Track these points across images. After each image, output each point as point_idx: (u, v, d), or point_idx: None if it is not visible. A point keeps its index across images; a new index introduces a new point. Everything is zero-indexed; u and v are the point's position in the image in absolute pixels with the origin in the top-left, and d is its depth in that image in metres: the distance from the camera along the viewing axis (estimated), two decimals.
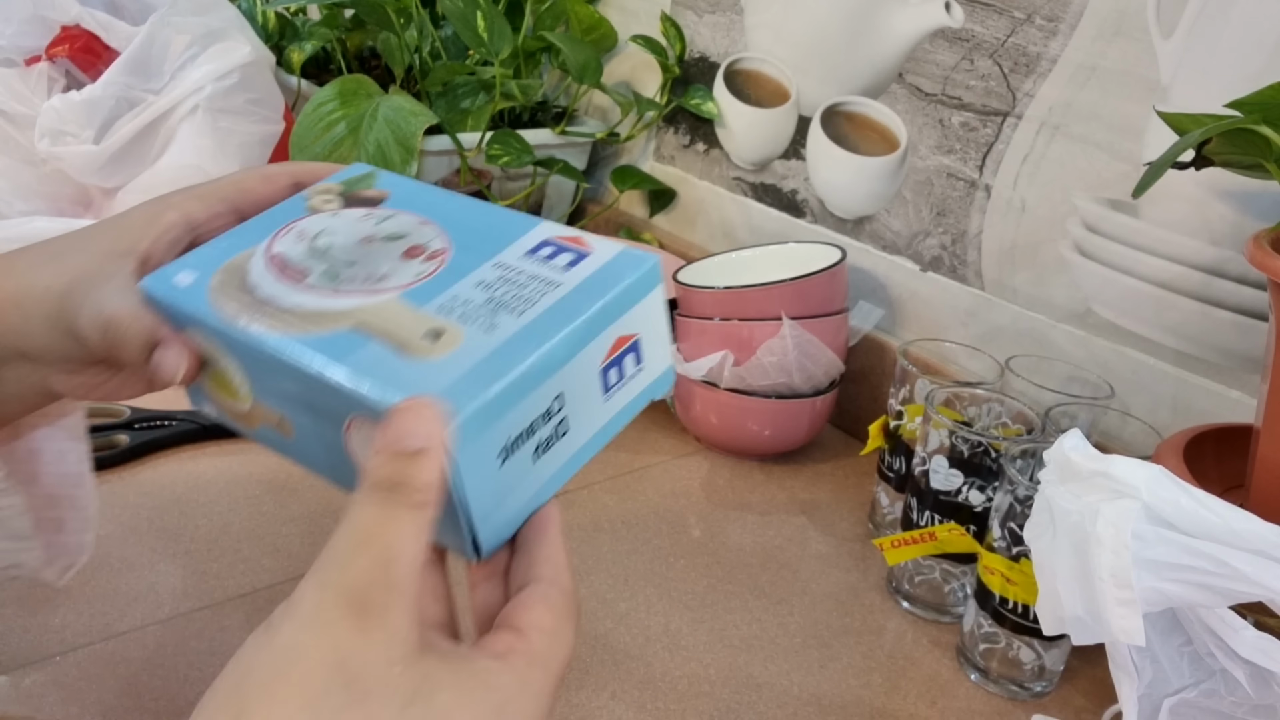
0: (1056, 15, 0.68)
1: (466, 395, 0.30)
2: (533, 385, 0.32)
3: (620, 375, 0.36)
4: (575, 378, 0.34)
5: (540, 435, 0.33)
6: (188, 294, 0.36)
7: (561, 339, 0.33)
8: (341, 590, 0.27)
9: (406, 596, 0.28)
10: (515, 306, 0.34)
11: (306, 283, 0.36)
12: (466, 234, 0.38)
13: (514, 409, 0.32)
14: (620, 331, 0.35)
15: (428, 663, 0.28)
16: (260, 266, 0.37)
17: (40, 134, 0.86)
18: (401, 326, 0.33)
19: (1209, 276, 0.63)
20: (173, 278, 0.37)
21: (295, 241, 0.39)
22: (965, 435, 0.59)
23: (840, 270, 0.76)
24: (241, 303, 0.36)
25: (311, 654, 0.26)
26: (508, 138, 0.93)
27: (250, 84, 0.90)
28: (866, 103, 0.82)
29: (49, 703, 0.49)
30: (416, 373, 0.31)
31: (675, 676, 0.55)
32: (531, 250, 0.37)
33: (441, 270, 0.36)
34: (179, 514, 0.64)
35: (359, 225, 0.39)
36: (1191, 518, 0.38)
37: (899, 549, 0.61)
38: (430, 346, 0.32)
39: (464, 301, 0.34)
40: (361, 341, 0.33)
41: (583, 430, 0.35)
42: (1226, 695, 0.43)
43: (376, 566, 0.27)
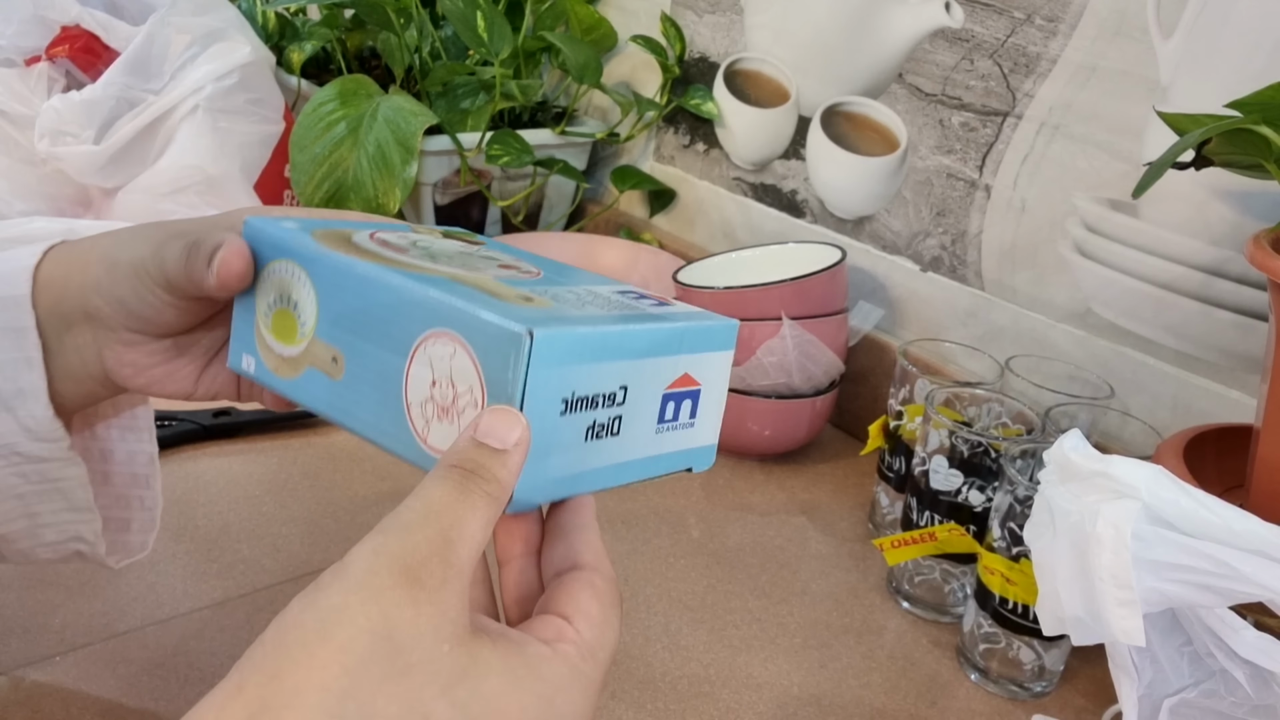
0: (1056, 15, 0.68)
1: (549, 327, 0.31)
2: (607, 355, 0.33)
3: (675, 414, 0.36)
4: (642, 383, 0.34)
5: (598, 417, 0.33)
6: (288, 230, 0.38)
7: (643, 330, 0.34)
8: (398, 558, 0.26)
9: (463, 578, 0.27)
10: (605, 309, 0.35)
11: (407, 255, 0.37)
12: (560, 270, 0.40)
13: (586, 366, 0.32)
14: (689, 368, 0.36)
15: (478, 645, 0.27)
16: (364, 237, 0.39)
17: (40, 134, 0.86)
18: (495, 288, 0.34)
19: (1209, 276, 0.63)
20: (278, 222, 0.39)
21: (398, 236, 0.40)
22: (965, 435, 0.59)
23: (840, 270, 0.76)
24: (340, 245, 0.37)
25: (358, 618, 0.25)
26: (508, 138, 0.93)
27: (250, 84, 0.90)
28: (866, 103, 0.82)
29: (49, 703, 0.49)
30: (505, 307, 0.32)
31: (675, 676, 0.55)
32: (621, 290, 0.39)
33: (535, 279, 0.38)
34: (179, 514, 0.64)
35: (458, 246, 0.41)
36: (1191, 518, 0.38)
37: (899, 549, 0.61)
38: (519, 298, 0.34)
39: (554, 295, 0.35)
40: (453, 285, 0.34)
41: (629, 445, 0.35)
42: (1226, 695, 0.43)
43: (439, 541, 0.27)
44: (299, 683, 0.24)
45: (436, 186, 0.95)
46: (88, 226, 0.77)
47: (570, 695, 0.28)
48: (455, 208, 0.98)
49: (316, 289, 0.36)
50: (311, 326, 0.37)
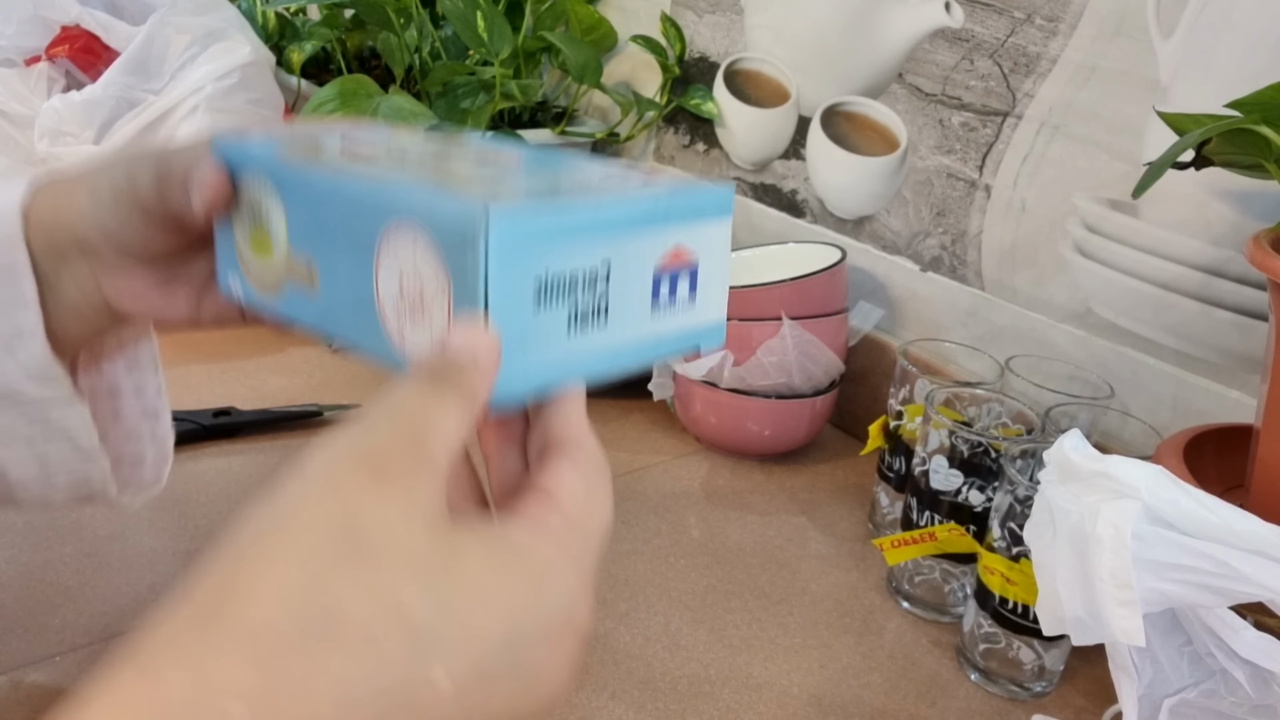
0: (1056, 15, 0.68)
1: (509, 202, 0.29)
2: (582, 230, 0.30)
3: (672, 293, 0.34)
4: (627, 260, 0.32)
5: (579, 300, 0.31)
6: (255, 145, 0.37)
7: (621, 200, 0.32)
8: (360, 450, 0.24)
9: (437, 472, 0.24)
10: (578, 189, 0.33)
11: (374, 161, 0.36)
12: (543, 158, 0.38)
13: (556, 242, 0.30)
14: (681, 240, 0.33)
15: (455, 533, 0.24)
16: (335, 144, 0.38)
17: (40, 134, 0.86)
18: (455, 175, 0.34)
19: (1209, 276, 0.63)
20: (248, 141, 0.38)
21: (372, 138, 0.39)
22: (965, 435, 0.59)
23: (840, 270, 0.76)
24: (305, 156, 0.36)
25: (315, 508, 0.22)
26: (508, 138, 0.93)
27: (250, 84, 0.90)
28: (866, 103, 0.82)
29: (49, 703, 0.49)
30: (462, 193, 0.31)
31: (675, 676, 0.55)
32: (608, 171, 0.36)
33: (510, 164, 0.36)
34: (179, 514, 0.64)
35: (436, 146, 0.39)
36: (1191, 518, 0.38)
37: (899, 549, 0.61)
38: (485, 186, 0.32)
39: (529, 174, 0.34)
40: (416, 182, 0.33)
41: (622, 329, 0.32)
42: (1226, 695, 0.43)
43: (405, 436, 0.24)
44: (252, 578, 0.21)
45: None
46: None
47: (562, 574, 0.25)
48: None
49: (284, 201, 0.36)
50: (284, 239, 0.36)
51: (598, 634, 0.58)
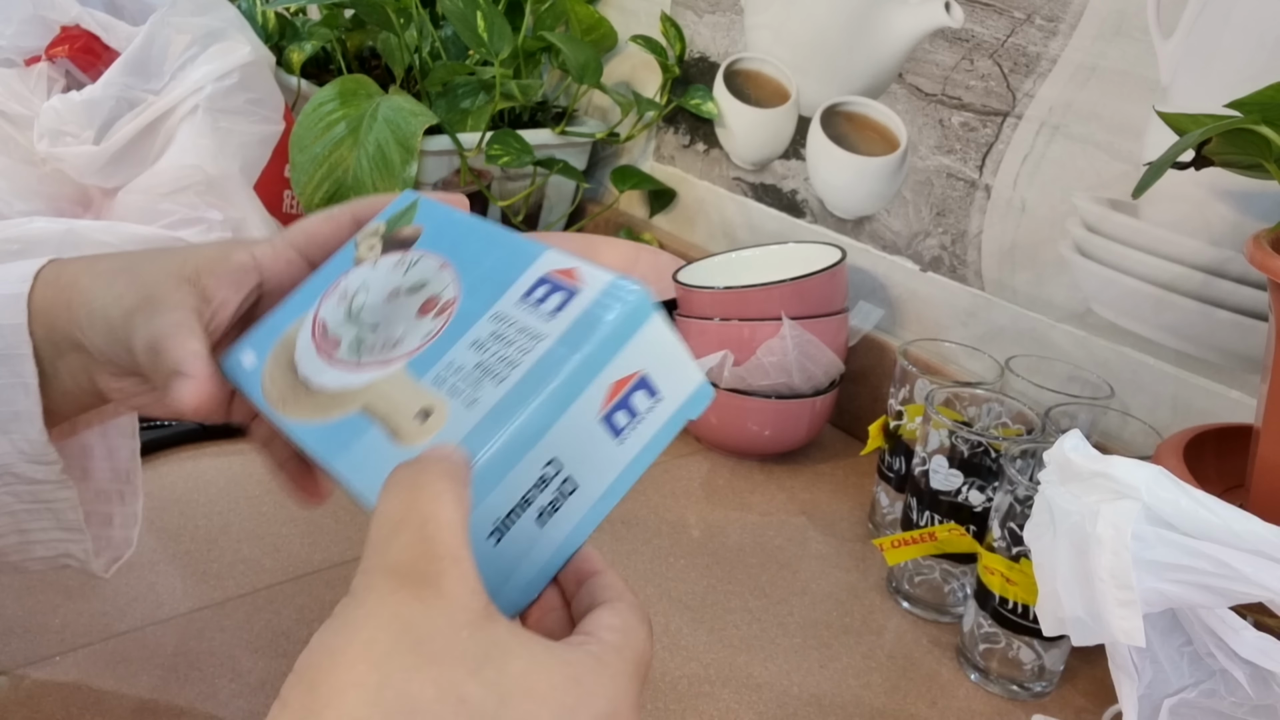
0: (1056, 15, 0.68)
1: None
2: (510, 463, 0.32)
3: (631, 415, 0.34)
4: (569, 437, 0.33)
5: (540, 502, 0.32)
6: (250, 378, 0.40)
7: (536, 408, 0.32)
8: (389, 571, 0.26)
9: (460, 563, 0.27)
10: (499, 371, 0.34)
11: (336, 356, 0.38)
12: (477, 277, 0.38)
13: (494, 491, 0.31)
14: (616, 375, 0.33)
15: (497, 630, 0.27)
16: (305, 340, 0.40)
17: (40, 134, 0.86)
18: (398, 408, 0.35)
19: (1209, 276, 0.63)
20: (241, 357, 0.40)
21: (337, 304, 0.40)
22: (965, 435, 0.59)
23: (840, 270, 0.76)
24: (286, 387, 0.38)
25: (373, 621, 0.26)
26: (508, 138, 0.93)
27: (250, 84, 0.90)
28: (866, 103, 0.82)
29: (49, 703, 0.49)
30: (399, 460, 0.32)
31: (675, 676, 0.55)
32: (527, 293, 0.36)
33: (446, 328, 0.36)
34: (179, 514, 0.64)
35: (390, 276, 0.40)
36: (1191, 518, 0.38)
37: (899, 549, 0.61)
38: (418, 429, 0.34)
39: (456, 369, 0.35)
40: (364, 427, 0.35)
41: (597, 480, 0.33)
42: (1226, 695, 0.43)
43: (417, 541, 0.27)
44: (335, 685, 0.25)
45: (437, 186, 0.95)
46: (87, 226, 0.78)
47: (599, 678, 0.28)
48: None
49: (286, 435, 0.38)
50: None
51: None
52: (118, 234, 0.79)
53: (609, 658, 0.29)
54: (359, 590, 0.27)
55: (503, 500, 0.32)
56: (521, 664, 0.26)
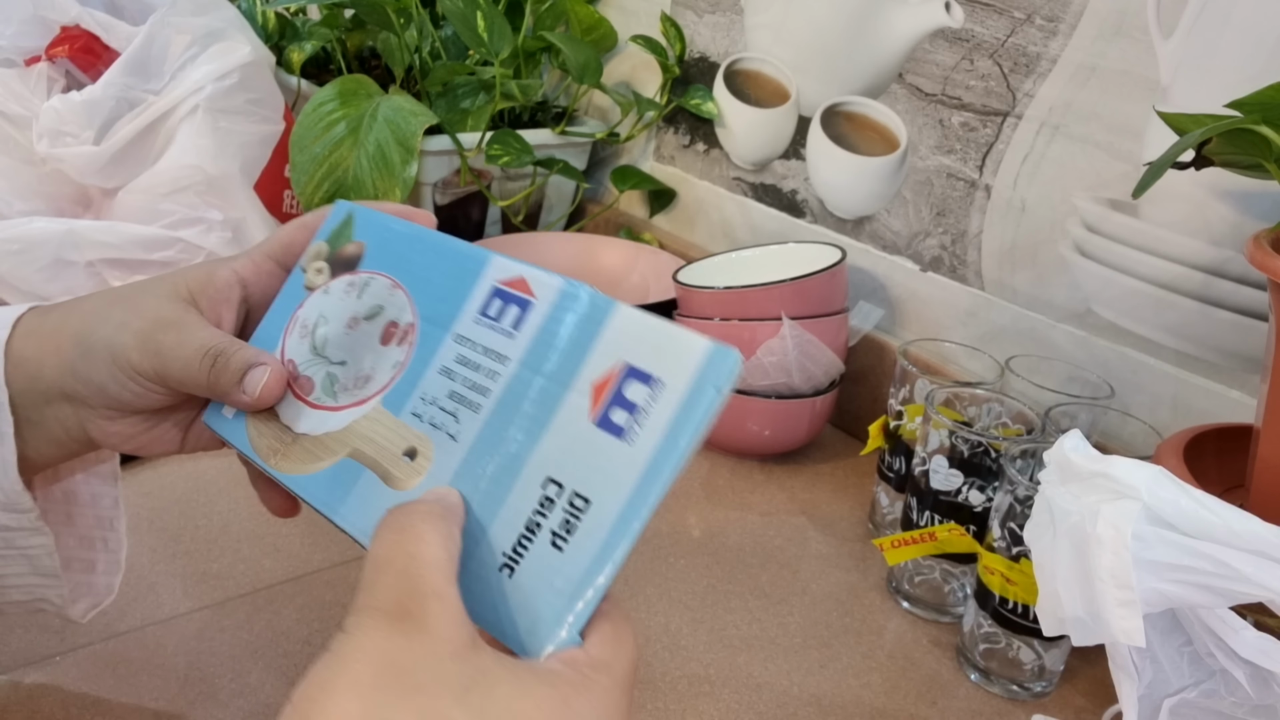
0: (1056, 15, 0.68)
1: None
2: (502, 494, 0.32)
3: (631, 410, 0.31)
4: (562, 453, 0.32)
5: (549, 525, 0.31)
6: (233, 428, 0.40)
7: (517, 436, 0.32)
8: (375, 609, 0.28)
9: (444, 600, 0.28)
10: (472, 399, 0.34)
11: (312, 398, 0.39)
12: (429, 297, 0.38)
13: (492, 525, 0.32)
14: (593, 378, 0.32)
15: (479, 656, 0.27)
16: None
17: (39, 134, 0.86)
18: (383, 450, 0.35)
19: (1209, 276, 0.63)
20: (219, 406, 0.41)
21: (300, 340, 0.41)
22: (965, 435, 0.59)
23: (840, 270, 0.76)
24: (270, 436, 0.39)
25: (360, 655, 0.27)
26: (508, 138, 0.93)
27: (250, 84, 0.90)
28: (866, 103, 0.82)
29: (49, 703, 0.49)
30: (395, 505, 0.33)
31: (675, 676, 0.55)
32: (483, 309, 0.36)
33: (412, 358, 0.37)
34: (179, 514, 0.64)
35: (345, 303, 0.40)
36: (1191, 518, 0.38)
37: (899, 549, 0.61)
38: (407, 471, 0.34)
39: (430, 401, 0.35)
40: (356, 473, 0.36)
41: (614, 489, 0.31)
42: (1226, 695, 0.43)
43: (402, 580, 0.28)
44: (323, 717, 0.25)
45: (436, 186, 0.95)
46: (87, 226, 0.78)
47: (587, 698, 0.28)
48: (455, 208, 0.98)
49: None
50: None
51: None
52: (118, 234, 0.79)
53: (597, 676, 0.29)
54: (350, 627, 0.27)
55: (506, 532, 0.31)
56: (507, 689, 0.27)
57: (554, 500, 0.31)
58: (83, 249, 0.78)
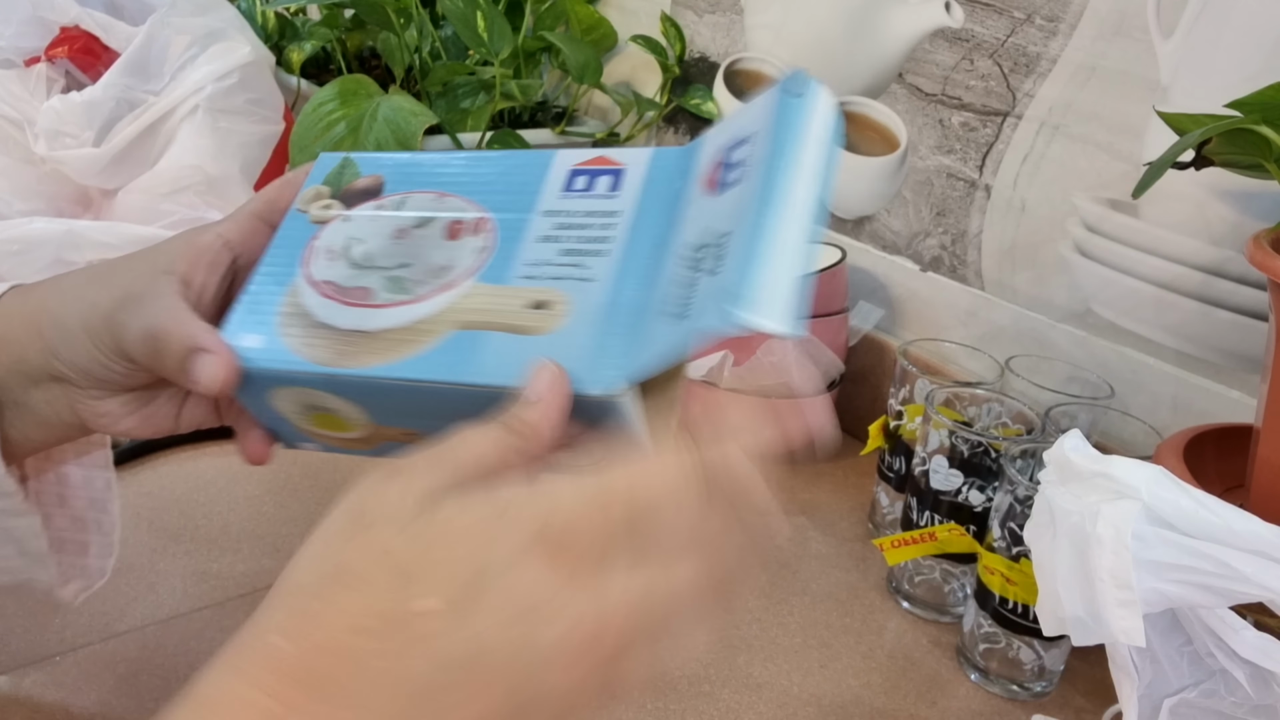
0: (1056, 15, 0.68)
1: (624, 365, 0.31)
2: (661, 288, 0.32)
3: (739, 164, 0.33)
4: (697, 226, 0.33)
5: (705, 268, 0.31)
6: (274, 355, 0.36)
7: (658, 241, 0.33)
8: (393, 467, 0.28)
9: (444, 467, 0.28)
10: (594, 249, 0.34)
11: (377, 301, 0.36)
12: (490, 194, 0.37)
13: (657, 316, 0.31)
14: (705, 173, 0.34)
15: (448, 496, 0.27)
16: (318, 301, 0.37)
17: (39, 135, 0.86)
18: (501, 313, 0.34)
19: (1209, 276, 0.63)
20: (242, 343, 0.37)
21: (330, 262, 0.38)
22: (965, 435, 0.59)
23: (840, 270, 0.76)
24: (332, 344, 0.35)
25: (338, 509, 0.28)
26: (508, 138, 0.93)
27: (250, 84, 0.90)
28: (866, 103, 0.82)
29: (49, 703, 0.49)
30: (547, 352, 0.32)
31: (675, 676, 0.55)
32: (567, 187, 0.36)
33: (499, 238, 0.36)
34: (179, 514, 0.64)
35: (380, 222, 0.39)
36: (1191, 518, 0.38)
37: (899, 549, 0.61)
38: (541, 319, 0.33)
39: (542, 263, 0.34)
40: (474, 338, 0.34)
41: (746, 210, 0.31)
42: (1226, 695, 0.43)
43: (433, 451, 0.29)
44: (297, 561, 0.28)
45: None
46: (87, 227, 0.78)
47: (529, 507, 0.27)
48: None
49: (353, 400, 0.36)
50: (366, 421, 0.37)
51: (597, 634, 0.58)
52: (118, 234, 0.79)
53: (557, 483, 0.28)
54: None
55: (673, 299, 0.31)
56: (449, 509, 0.27)
57: (704, 256, 0.32)
58: (83, 249, 0.77)
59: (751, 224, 0.30)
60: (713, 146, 0.35)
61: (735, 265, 0.30)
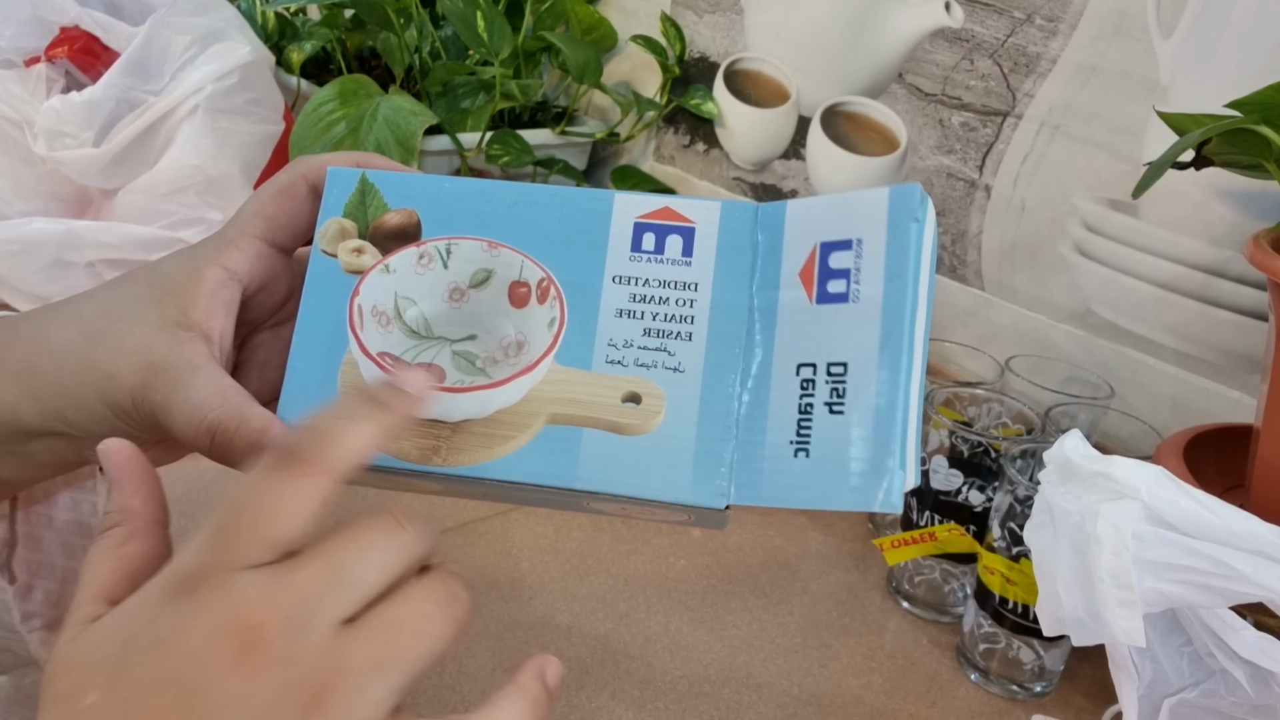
0: (1056, 15, 0.68)
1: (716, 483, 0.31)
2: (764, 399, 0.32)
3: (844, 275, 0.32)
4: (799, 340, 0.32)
5: (820, 399, 0.31)
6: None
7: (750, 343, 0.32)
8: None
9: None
10: (678, 331, 0.33)
11: (451, 384, 0.34)
12: (550, 247, 0.35)
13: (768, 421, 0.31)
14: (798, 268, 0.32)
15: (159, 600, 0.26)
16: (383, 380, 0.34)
17: (38, 135, 0.86)
18: (594, 405, 0.33)
19: (1209, 276, 0.63)
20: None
21: (382, 329, 0.35)
22: (965, 435, 0.59)
23: None
24: (416, 436, 0.33)
25: None
26: (508, 138, 0.93)
27: (250, 84, 0.90)
28: (866, 103, 0.82)
29: None
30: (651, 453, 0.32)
31: (675, 676, 0.55)
32: (635, 247, 0.34)
33: (569, 311, 0.34)
34: (179, 514, 0.64)
35: (431, 278, 0.35)
36: (1191, 518, 0.38)
37: (899, 549, 0.61)
38: (639, 415, 0.32)
39: (625, 344, 0.33)
40: (571, 437, 0.32)
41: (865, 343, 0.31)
42: (1226, 695, 0.43)
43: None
44: None
45: None
46: (87, 227, 0.78)
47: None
48: None
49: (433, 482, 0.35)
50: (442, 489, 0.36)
51: (598, 634, 0.58)
52: (118, 234, 0.79)
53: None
54: None
55: (783, 424, 0.31)
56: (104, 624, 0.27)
57: (813, 380, 0.31)
58: (83, 249, 0.77)
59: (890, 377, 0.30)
60: (802, 232, 0.33)
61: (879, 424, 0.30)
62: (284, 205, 0.37)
